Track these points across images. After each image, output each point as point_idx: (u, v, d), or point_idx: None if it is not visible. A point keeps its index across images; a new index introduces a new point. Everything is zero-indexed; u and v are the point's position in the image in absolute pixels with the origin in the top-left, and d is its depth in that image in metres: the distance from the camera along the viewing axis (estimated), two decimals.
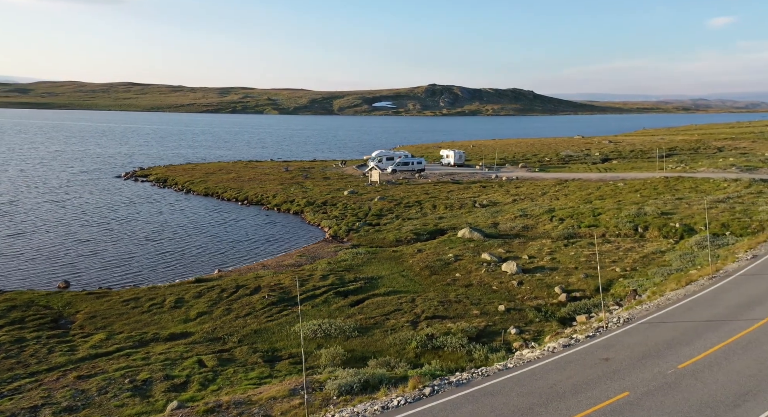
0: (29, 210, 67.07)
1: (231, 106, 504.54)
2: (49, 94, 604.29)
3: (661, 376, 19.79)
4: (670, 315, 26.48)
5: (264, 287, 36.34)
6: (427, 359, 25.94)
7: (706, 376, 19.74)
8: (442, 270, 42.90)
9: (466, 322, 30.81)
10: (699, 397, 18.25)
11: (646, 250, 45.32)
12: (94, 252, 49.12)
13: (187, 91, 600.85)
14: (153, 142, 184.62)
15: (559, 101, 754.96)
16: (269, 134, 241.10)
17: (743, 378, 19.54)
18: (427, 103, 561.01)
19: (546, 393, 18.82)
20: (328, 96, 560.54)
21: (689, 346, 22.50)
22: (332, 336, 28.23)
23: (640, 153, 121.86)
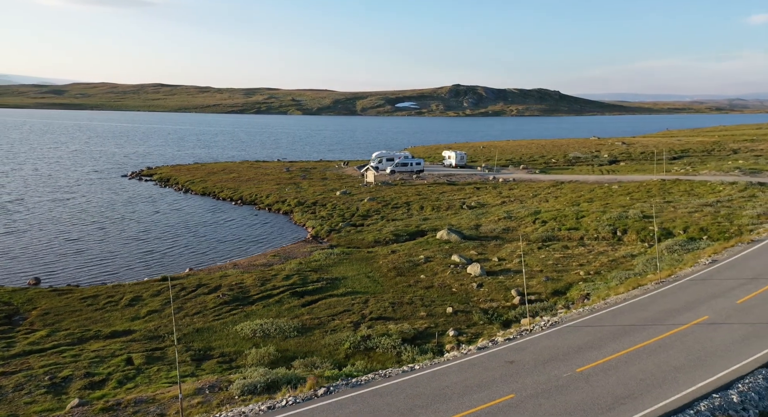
0: (30, 208, 69.29)
1: (255, 107, 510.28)
2: (83, 95, 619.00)
3: (554, 380, 19.93)
4: (598, 319, 26.46)
5: (224, 286, 37.17)
6: (355, 360, 26.35)
7: (598, 380, 19.81)
8: (409, 271, 43.24)
9: (409, 323, 31.13)
10: (579, 399, 18.39)
11: (617, 254, 44.97)
12: (78, 251, 50.64)
13: (214, 92, 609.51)
14: (171, 142, 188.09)
15: (585, 101, 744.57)
16: (287, 135, 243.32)
17: (633, 382, 19.59)
18: (451, 103, 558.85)
19: (434, 394, 19.10)
20: (351, 97, 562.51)
21: (598, 350, 22.54)
22: (271, 336, 28.81)
23: (651, 155, 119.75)
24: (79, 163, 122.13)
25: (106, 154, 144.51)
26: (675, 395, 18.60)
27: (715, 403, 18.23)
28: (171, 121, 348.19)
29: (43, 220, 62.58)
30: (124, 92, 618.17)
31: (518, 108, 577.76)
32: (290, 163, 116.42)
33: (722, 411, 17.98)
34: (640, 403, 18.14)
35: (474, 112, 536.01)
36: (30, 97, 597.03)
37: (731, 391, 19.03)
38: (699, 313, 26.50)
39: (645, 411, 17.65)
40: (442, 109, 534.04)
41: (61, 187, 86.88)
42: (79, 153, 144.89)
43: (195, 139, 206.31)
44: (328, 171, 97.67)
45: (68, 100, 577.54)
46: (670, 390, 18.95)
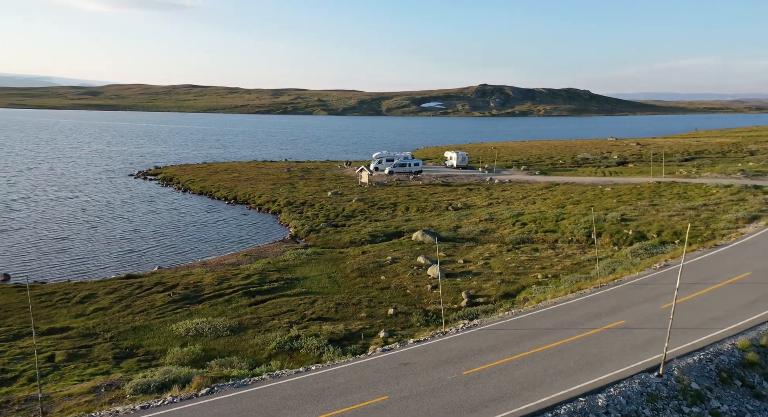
0: (31, 207, 71.68)
1: (282, 107, 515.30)
2: (117, 96, 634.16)
3: (434, 382, 20.05)
4: (517, 322, 26.41)
5: (180, 285, 38.07)
6: (277, 360, 26.83)
7: (477, 383, 19.87)
8: (372, 272, 43.57)
9: (345, 324, 31.49)
10: (446, 402, 18.50)
11: (584, 257, 44.56)
12: (61, 249, 52.23)
13: (243, 93, 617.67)
14: (190, 142, 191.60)
15: (617, 101, 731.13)
16: (306, 135, 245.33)
17: (510, 385, 19.62)
18: (477, 103, 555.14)
19: (311, 395, 19.34)
20: (377, 97, 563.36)
21: (496, 353, 22.56)
22: (203, 335, 29.46)
23: (662, 157, 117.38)
24: (94, 162, 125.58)
25: (123, 153, 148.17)
26: (542, 398, 18.59)
27: (578, 407, 18.17)
28: (197, 122, 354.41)
29: (40, 219, 64.71)
30: (156, 93, 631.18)
31: (546, 108, 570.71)
32: (296, 163, 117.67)
33: (582, 414, 17.92)
34: (503, 405, 18.20)
35: (500, 112, 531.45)
36: (68, 99, 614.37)
37: (601, 394, 18.92)
38: (618, 317, 26.26)
39: (503, 414, 17.71)
40: (467, 109, 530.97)
41: (68, 186, 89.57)
42: (99, 153, 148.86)
43: (215, 139, 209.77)
44: (329, 171, 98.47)
45: (103, 101, 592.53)
46: (540, 393, 18.94)
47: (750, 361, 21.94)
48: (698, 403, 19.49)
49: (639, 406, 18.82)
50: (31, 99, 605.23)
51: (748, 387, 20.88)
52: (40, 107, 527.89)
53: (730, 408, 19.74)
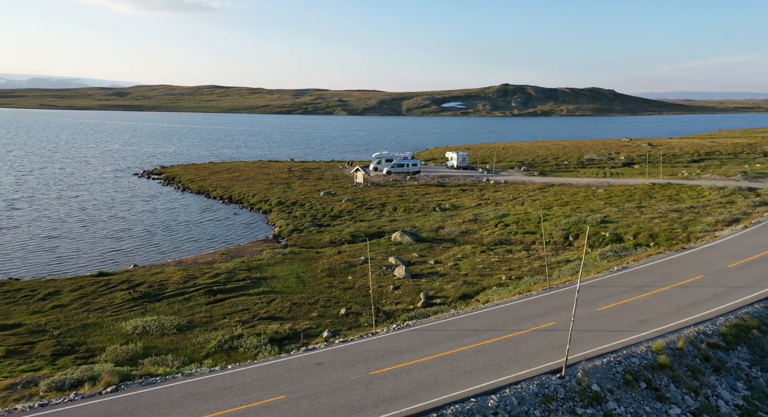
0: (33, 206, 73.53)
1: (302, 107, 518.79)
2: (143, 97, 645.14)
3: (338, 382, 20.35)
4: (449, 323, 26.55)
5: (146, 283, 38.91)
6: (214, 359, 27.33)
7: (380, 383, 20.11)
8: (341, 272, 43.98)
9: (292, 324, 31.93)
10: (341, 401, 18.80)
11: (554, 259, 44.34)
12: (50, 247, 53.52)
13: (265, 93, 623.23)
14: (205, 142, 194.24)
15: (642, 101, 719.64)
16: (321, 135, 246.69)
17: (409, 385, 19.85)
18: (498, 103, 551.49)
19: (212, 394, 19.63)
20: (397, 97, 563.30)
21: (414, 353, 22.78)
22: (149, 333, 30.12)
23: (672, 157, 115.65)
24: (106, 162, 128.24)
25: (137, 153, 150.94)
26: (434, 399, 18.78)
27: (466, 407, 18.33)
28: (217, 122, 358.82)
29: (37, 217, 66.45)
30: (181, 94, 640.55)
31: (568, 108, 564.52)
32: (301, 163, 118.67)
33: (468, 414, 18.08)
34: (392, 405, 18.43)
35: (522, 112, 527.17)
36: (96, 99, 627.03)
37: (494, 395, 19.06)
38: (549, 319, 26.29)
39: (386, 414, 17.95)
40: (488, 109, 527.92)
41: (73, 185, 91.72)
42: (113, 152, 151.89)
43: (230, 139, 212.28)
44: (329, 172, 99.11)
45: (130, 101, 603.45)
46: (434, 394, 19.13)
47: (661, 363, 21.83)
48: (594, 405, 19.51)
49: (531, 407, 18.91)
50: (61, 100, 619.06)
51: (652, 389, 20.79)
52: (69, 108, 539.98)
53: (627, 410, 19.72)
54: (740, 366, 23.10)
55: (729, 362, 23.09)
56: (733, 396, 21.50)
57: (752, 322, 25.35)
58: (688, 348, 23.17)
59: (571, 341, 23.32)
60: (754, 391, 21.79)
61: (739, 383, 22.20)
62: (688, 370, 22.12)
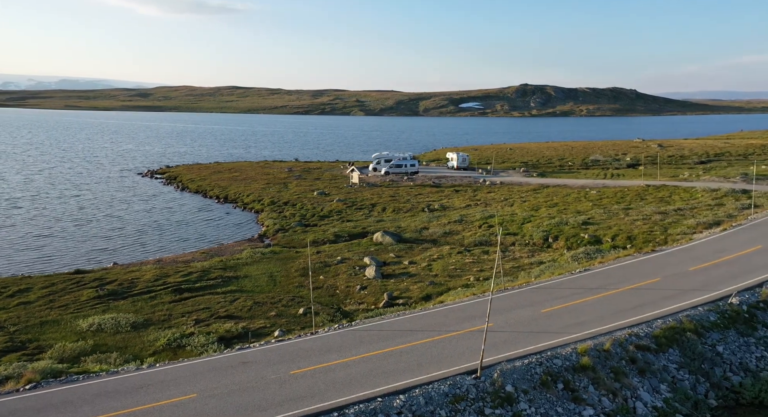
0: (34, 205, 75.10)
1: (320, 108, 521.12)
2: (165, 97, 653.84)
3: (256, 380, 20.60)
4: (389, 324, 26.71)
5: (117, 281, 39.68)
6: (159, 356, 27.74)
7: (296, 382, 20.39)
8: (315, 272, 44.23)
9: (247, 323, 32.33)
10: (250, 400, 19.09)
11: (528, 261, 44.30)
12: (39, 246, 54.54)
13: (284, 94, 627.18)
14: (216, 142, 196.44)
15: (665, 101, 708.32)
16: (334, 135, 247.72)
17: (324, 384, 20.13)
18: (517, 103, 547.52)
19: (127, 391, 19.95)
20: (415, 97, 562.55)
21: (342, 353, 23.03)
22: (104, 330, 30.65)
23: (679, 159, 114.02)
24: (116, 162, 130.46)
25: (148, 153, 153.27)
26: (341, 398, 19.01)
27: (370, 407, 18.52)
28: (234, 122, 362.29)
29: (34, 216, 67.93)
30: (202, 94, 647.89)
31: (589, 108, 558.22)
32: (304, 163, 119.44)
33: (371, 413, 18.25)
34: (297, 404, 18.68)
35: (540, 113, 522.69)
36: (119, 100, 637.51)
37: (402, 395, 19.22)
38: (489, 321, 26.21)
39: (289, 412, 18.20)
40: (506, 109, 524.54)
41: (77, 184, 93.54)
42: (126, 152, 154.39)
43: (243, 139, 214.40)
44: (328, 172, 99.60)
45: (152, 102, 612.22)
46: (343, 393, 19.35)
47: (582, 365, 21.79)
48: (504, 406, 19.56)
49: (438, 407, 19.03)
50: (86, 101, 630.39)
51: (569, 390, 20.76)
52: (93, 108, 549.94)
53: (538, 411, 19.75)
54: (667, 368, 22.91)
55: (656, 364, 22.92)
56: (653, 398, 21.37)
57: (689, 325, 25.08)
58: (615, 350, 23.06)
59: (508, 342, 23.58)
60: (676, 394, 21.61)
61: (662, 385, 22.04)
62: (611, 371, 22.02)
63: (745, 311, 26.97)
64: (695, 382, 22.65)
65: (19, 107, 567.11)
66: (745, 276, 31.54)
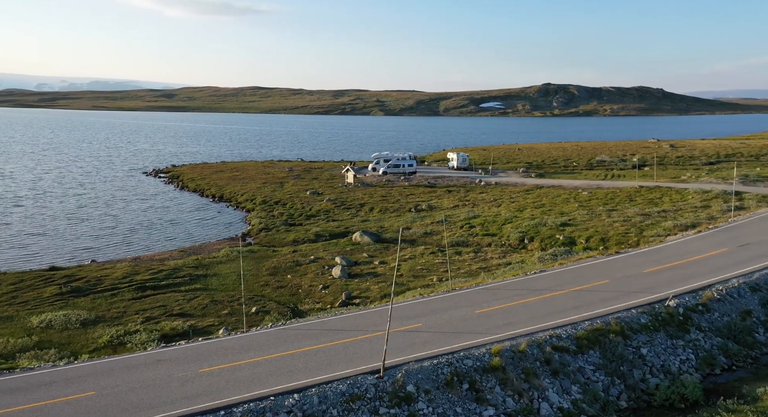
0: (36, 203, 76.85)
1: (340, 108, 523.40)
2: (189, 98, 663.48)
3: (159, 379, 20.70)
4: (323, 323, 26.85)
5: (85, 278, 40.53)
6: (98, 353, 28.22)
7: (198, 381, 20.56)
8: (285, 271, 44.74)
9: (196, 321, 32.78)
10: (146, 397, 19.29)
11: (497, 261, 44.15)
12: (26, 244, 55.61)
13: (305, 94, 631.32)
14: (230, 142, 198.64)
15: (693, 100, 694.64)
16: (349, 135, 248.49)
17: (225, 382, 20.32)
18: (539, 103, 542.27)
19: (29, 388, 20.16)
20: (436, 97, 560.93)
21: (259, 351, 23.27)
22: (53, 327, 31.17)
23: (688, 159, 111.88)
24: (127, 161, 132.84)
25: (161, 153, 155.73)
26: (234, 397, 19.16)
27: (261, 406, 18.69)
28: (253, 122, 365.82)
29: (32, 215, 69.47)
30: (225, 95, 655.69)
31: (613, 107, 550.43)
32: (309, 162, 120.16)
33: (259, 413, 18.43)
34: (191, 402, 18.81)
35: (563, 112, 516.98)
36: (145, 101, 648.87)
37: (297, 394, 19.33)
38: (419, 321, 26.34)
39: (181, 410, 18.41)
40: (528, 109, 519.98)
41: (82, 183, 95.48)
42: (140, 152, 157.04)
43: (256, 139, 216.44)
44: (328, 172, 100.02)
45: (176, 103, 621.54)
46: (238, 392, 19.52)
47: (493, 365, 21.70)
48: (401, 405, 19.60)
49: (330, 406, 19.14)
50: (113, 102, 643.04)
51: (474, 391, 20.71)
52: (119, 109, 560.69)
53: (435, 411, 19.76)
54: (583, 369, 22.66)
55: (572, 365, 22.70)
56: (562, 399, 21.17)
57: (616, 327, 24.75)
58: (532, 351, 22.89)
59: (428, 342, 23.62)
60: (586, 395, 21.38)
61: (574, 387, 21.82)
62: (523, 372, 21.87)
63: (680, 314, 26.50)
64: (609, 384, 22.37)
65: (49, 108, 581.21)
66: (695, 278, 31.00)
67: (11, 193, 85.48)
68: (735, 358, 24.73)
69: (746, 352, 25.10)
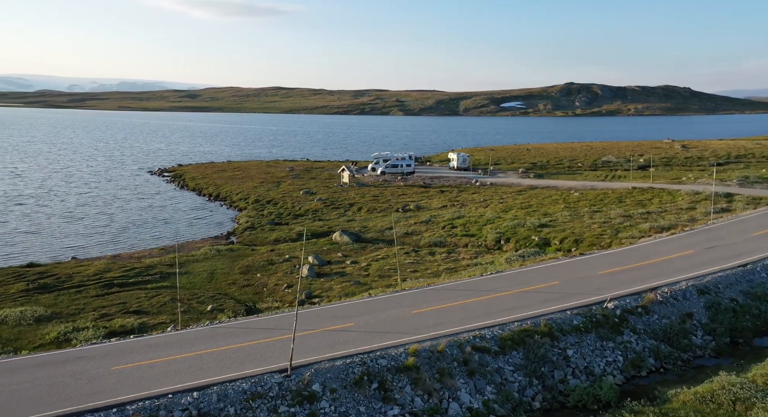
0: (38, 202, 78.45)
1: (360, 108, 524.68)
2: (212, 98, 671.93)
3: (68, 376, 21.06)
4: (261, 321, 27.18)
5: (56, 275, 41.34)
6: (39, 349, 28.64)
7: (105, 379, 20.86)
8: (256, 270, 45.03)
9: (149, 318, 33.16)
10: (43, 394, 19.61)
11: (466, 263, 43.83)
12: (16, 242, 56.77)
13: (326, 94, 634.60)
14: (243, 142, 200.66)
15: (723, 99, 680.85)
16: (363, 135, 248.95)
17: (131, 380, 20.69)
18: (561, 102, 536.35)
19: None
20: (456, 97, 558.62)
21: (179, 349, 23.57)
22: (6, 323, 31.54)
23: (696, 160, 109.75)
24: (138, 160, 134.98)
25: (174, 152, 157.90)
26: (132, 394, 19.43)
27: (156, 403, 18.90)
28: (271, 122, 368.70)
29: (30, 213, 70.98)
30: (246, 95, 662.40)
31: (637, 107, 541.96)
32: (313, 162, 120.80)
33: (153, 410, 18.64)
34: (86, 400, 19.15)
35: (585, 112, 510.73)
36: (169, 101, 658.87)
37: (196, 392, 19.51)
38: (352, 320, 26.36)
39: (73, 407, 18.67)
40: (549, 108, 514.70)
41: (87, 182, 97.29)
42: (153, 151, 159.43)
43: (270, 139, 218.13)
44: (328, 171, 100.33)
45: (199, 103, 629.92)
46: (139, 390, 19.77)
47: (406, 365, 21.64)
48: (303, 404, 19.68)
49: (228, 405, 19.29)
50: (138, 102, 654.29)
51: (383, 390, 20.69)
52: (143, 109, 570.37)
53: (337, 410, 19.82)
54: (502, 370, 22.48)
55: (490, 366, 22.53)
56: (474, 399, 21.05)
57: (545, 328, 24.49)
58: (452, 351, 22.77)
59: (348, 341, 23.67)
60: (499, 395, 21.21)
61: (489, 387, 21.66)
62: (437, 372, 21.78)
63: (616, 316, 26.10)
64: (527, 385, 22.17)
65: (78, 108, 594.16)
66: (646, 281, 30.52)
67: (17, 191, 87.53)
68: (665, 360, 24.31)
69: (677, 355, 24.66)
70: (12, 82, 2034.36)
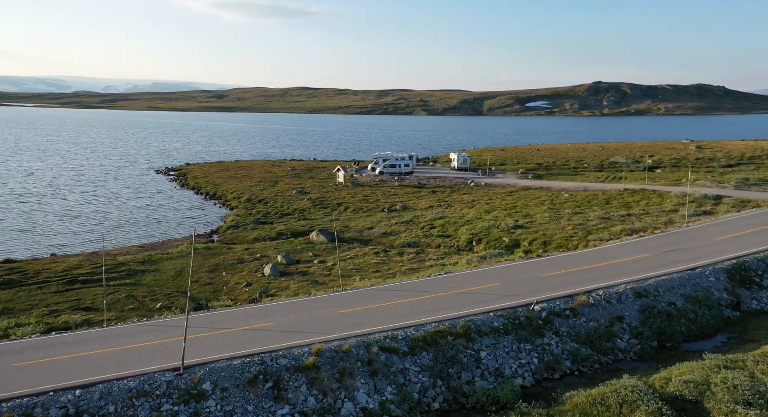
0: (40, 200, 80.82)
1: (383, 108, 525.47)
2: (239, 99, 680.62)
3: None
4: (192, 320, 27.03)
5: (25, 271, 42.34)
6: None
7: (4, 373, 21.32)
8: (224, 268, 45.41)
9: (96, 315, 33.61)
10: None
11: (430, 263, 43.62)
12: (5, 240, 58.64)
13: (350, 94, 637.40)
14: (259, 142, 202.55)
15: (759, 98, 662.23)
16: (383, 135, 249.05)
17: (22, 377, 20.91)
18: (588, 102, 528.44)
19: None
20: (480, 97, 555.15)
21: (99, 344, 23.99)
22: None
23: (707, 161, 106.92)
24: (151, 159, 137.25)
25: (189, 151, 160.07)
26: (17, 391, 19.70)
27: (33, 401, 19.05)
28: (293, 122, 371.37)
29: (29, 211, 72.56)
30: (272, 95, 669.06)
31: (668, 106, 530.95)
32: (319, 161, 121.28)
33: (30, 407, 18.83)
34: None
35: (613, 112, 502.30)
36: (197, 102, 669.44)
37: (79, 390, 19.71)
38: (273, 320, 26.42)
39: None
40: (576, 108, 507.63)
41: (95, 180, 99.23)
42: (167, 151, 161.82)
43: (286, 138, 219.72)
44: (328, 171, 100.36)
45: (225, 103, 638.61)
46: (25, 387, 20.01)
47: (306, 365, 21.60)
48: (189, 403, 19.76)
49: (109, 403, 19.46)
50: (167, 102, 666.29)
51: (276, 390, 20.68)
52: (172, 109, 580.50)
53: (223, 408, 19.87)
54: (407, 371, 22.25)
55: (396, 366, 22.31)
56: (371, 399, 20.92)
57: (461, 330, 24.18)
58: (358, 351, 22.63)
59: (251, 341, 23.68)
60: (398, 396, 21.01)
61: (390, 387, 21.49)
62: (338, 372, 21.66)
63: (541, 318, 25.60)
64: (430, 386, 21.93)
65: (110, 109, 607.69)
66: (586, 283, 30.02)
67: (24, 189, 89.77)
68: (582, 363, 23.83)
69: (597, 358, 24.16)
70: (51, 83, 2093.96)
